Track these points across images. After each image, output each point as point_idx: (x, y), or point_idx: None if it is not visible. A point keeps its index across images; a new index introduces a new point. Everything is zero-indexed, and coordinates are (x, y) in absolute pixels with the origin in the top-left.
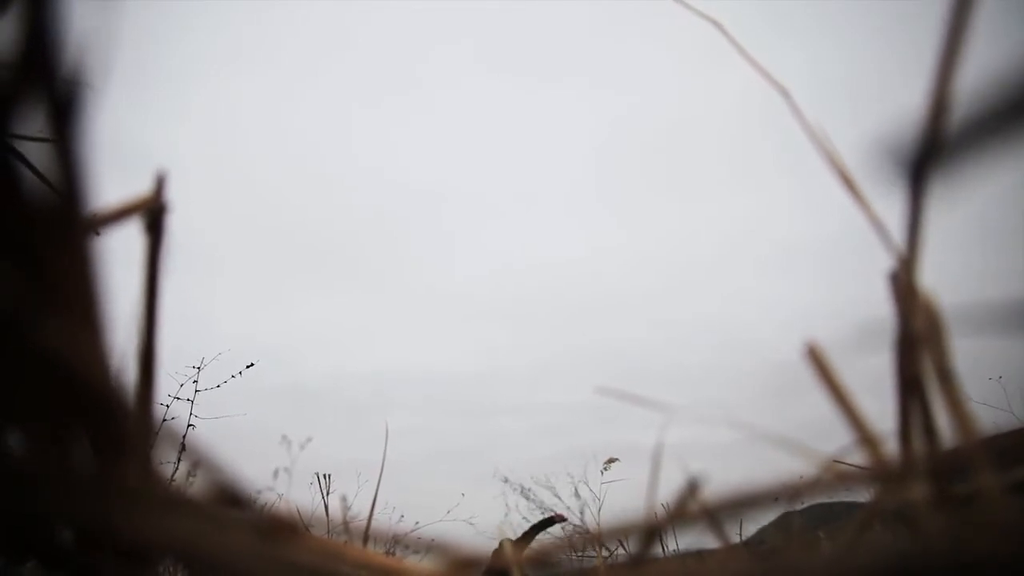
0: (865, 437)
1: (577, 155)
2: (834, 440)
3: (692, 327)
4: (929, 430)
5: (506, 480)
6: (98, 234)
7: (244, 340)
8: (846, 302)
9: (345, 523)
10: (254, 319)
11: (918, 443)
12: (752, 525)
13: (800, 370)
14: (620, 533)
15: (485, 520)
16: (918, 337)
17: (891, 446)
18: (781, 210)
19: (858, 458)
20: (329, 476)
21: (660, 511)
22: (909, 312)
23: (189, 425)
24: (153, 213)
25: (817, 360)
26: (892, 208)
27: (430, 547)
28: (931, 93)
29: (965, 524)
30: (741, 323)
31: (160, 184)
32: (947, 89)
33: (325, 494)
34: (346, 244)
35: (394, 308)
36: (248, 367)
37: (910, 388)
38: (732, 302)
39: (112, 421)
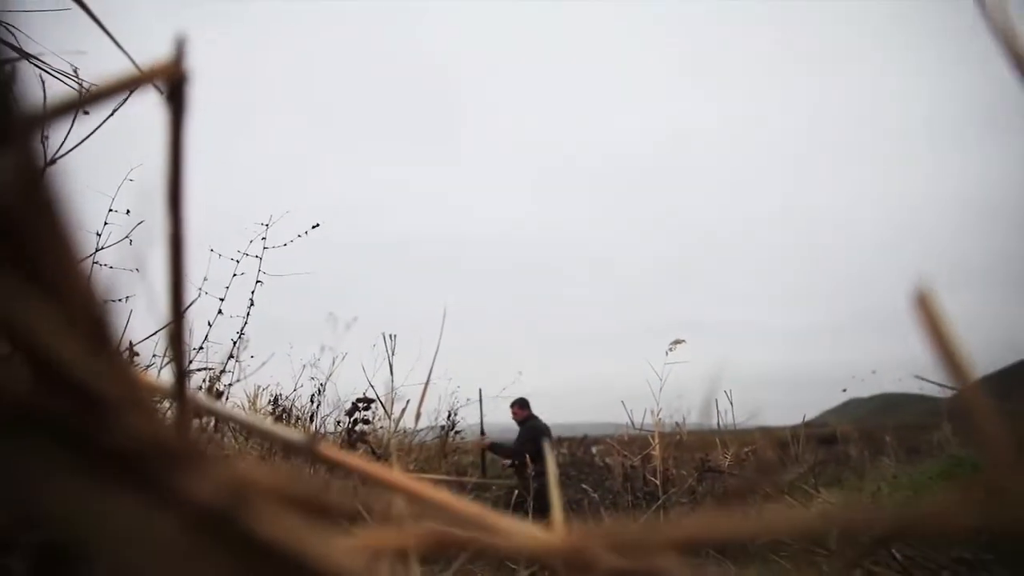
0: (973, 403)
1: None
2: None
3: (779, 215)
4: None
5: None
6: (87, 113)
7: (320, 197)
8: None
9: (390, 404)
10: (330, 179)
11: None
12: (815, 409)
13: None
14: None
15: (545, 394)
16: None
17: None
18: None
19: (939, 377)
20: (395, 336)
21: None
22: None
23: (257, 281)
24: (173, 82)
25: (926, 308)
26: None
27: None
28: None
29: None
30: (830, 213)
31: (180, 49)
32: None
33: (391, 354)
34: (430, 108)
35: (470, 174)
36: (314, 227)
37: None
38: (829, 192)
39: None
